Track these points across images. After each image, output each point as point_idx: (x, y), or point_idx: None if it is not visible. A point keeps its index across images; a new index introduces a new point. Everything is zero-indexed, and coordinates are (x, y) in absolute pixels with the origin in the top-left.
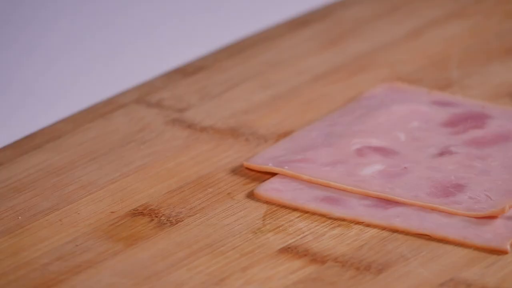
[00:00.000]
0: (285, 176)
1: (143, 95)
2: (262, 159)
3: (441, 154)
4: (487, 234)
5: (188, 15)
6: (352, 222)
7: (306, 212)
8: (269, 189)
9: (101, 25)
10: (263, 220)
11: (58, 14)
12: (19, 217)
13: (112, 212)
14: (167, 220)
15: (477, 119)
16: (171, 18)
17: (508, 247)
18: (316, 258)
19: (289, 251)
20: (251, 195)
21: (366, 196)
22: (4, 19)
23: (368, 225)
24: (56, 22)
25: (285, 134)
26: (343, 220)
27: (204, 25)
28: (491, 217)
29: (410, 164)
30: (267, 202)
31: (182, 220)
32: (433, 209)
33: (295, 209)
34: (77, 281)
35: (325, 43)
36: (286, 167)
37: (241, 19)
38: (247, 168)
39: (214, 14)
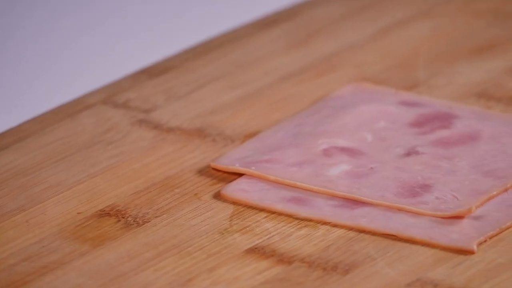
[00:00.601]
0: (252, 176)
1: (109, 95)
2: (229, 160)
3: (408, 154)
4: (454, 234)
5: (155, 16)
6: (319, 223)
7: (273, 212)
8: (236, 189)
9: (68, 26)
10: (230, 221)
11: (26, 14)
12: None
13: (79, 213)
14: (133, 221)
15: (444, 119)
16: (137, 18)
17: (475, 247)
18: (283, 259)
19: (256, 251)
20: (218, 196)
21: (333, 197)
22: None
23: (335, 226)
24: (23, 22)
25: (252, 135)
26: (310, 220)
27: (171, 26)
28: (458, 217)
29: (376, 164)
30: (234, 203)
31: (149, 221)
32: (399, 209)
33: (262, 209)
34: (43, 282)
35: (293, 43)
36: (253, 167)
37: (208, 19)
38: (214, 169)
39: (181, 14)
